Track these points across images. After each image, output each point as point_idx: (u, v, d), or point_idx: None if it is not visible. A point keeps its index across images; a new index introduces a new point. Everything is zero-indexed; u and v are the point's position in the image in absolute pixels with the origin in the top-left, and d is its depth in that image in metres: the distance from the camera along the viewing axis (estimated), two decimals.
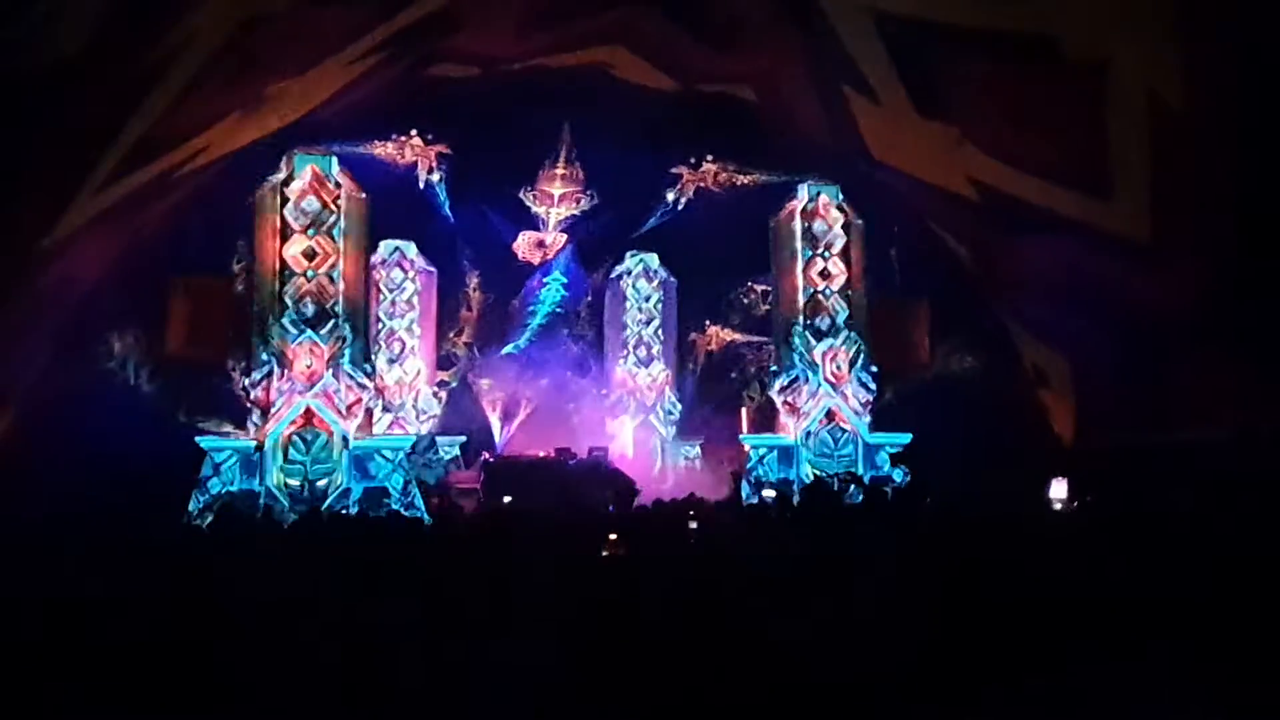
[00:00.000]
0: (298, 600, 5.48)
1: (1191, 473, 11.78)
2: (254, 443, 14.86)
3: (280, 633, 5.15)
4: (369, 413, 15.75)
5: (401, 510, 14.30)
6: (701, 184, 19.75)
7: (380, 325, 18.40)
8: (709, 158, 19.62)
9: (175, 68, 12.13)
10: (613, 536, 6.94)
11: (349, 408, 15.19)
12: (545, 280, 20.25)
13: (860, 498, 10.97)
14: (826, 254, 18.09)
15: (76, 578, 5.99)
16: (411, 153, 18.58)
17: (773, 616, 5.13)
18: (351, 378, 15.23)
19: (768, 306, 19.79)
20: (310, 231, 15.46)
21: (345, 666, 4.84)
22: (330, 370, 15.13)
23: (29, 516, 10.41)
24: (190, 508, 14.25)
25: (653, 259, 20.47)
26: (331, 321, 15.29)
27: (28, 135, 10.88)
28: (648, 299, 20.43)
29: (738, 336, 20.58)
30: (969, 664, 5.01)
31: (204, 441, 14.83)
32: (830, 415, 17.54)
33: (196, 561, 6.53)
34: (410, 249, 18.97)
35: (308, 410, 14.99)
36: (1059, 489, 11.81)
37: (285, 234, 15.41)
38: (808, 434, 17.44)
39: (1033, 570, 6.05)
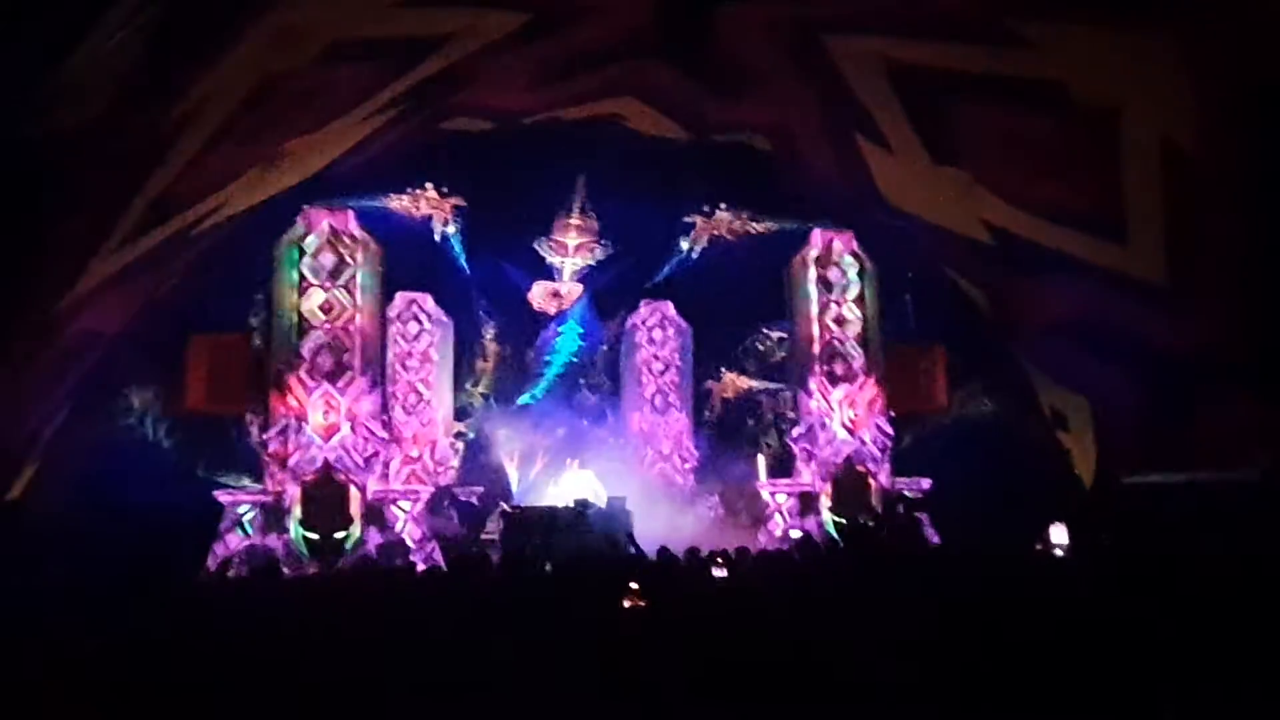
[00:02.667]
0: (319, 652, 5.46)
1: (1215, 514, 11.68)
2: (272, 496, 14.88)
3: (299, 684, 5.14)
4: (386, 465, 15.76)
5: (419, 562, 14.26)
6: (715, 232, 19.81)
7: (397, 377, 18.39)
8: (723, 206, 19.68)
9: (194, 127, 12.26)
10: (634, 585, 6.86)
11: (366, 460, 15.21)
12: (561, 330, 20.24)
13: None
14: (841, 300, 18.12)
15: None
16: (427, 205, 18.70)
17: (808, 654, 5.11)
18: (369, 430, 15.26)
19: (784, 353, 19.80)
20: (327, 285, 15.58)
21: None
22: (348, 423, 15.17)
23: (51, 569, 10.42)
24: (208, 562, 14.24)
25: (668, 307, 20.47)
26: (348, 374, 15.35)
27: (47, 196, 10.99)
28: (663, 347, 20.41)
29: (754, 384, 20.50)
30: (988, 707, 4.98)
31: (223, 495, 14.86)
32: (849, 461, 17.49)
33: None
34: (426, 301, 18.95)
35: (326, 463, 15.01)
36: (1059, 534, 11.70)
37: (302, 288, 15.53)
38: (826, 480, 17.39)
39: (1051, 612, 6.00)
